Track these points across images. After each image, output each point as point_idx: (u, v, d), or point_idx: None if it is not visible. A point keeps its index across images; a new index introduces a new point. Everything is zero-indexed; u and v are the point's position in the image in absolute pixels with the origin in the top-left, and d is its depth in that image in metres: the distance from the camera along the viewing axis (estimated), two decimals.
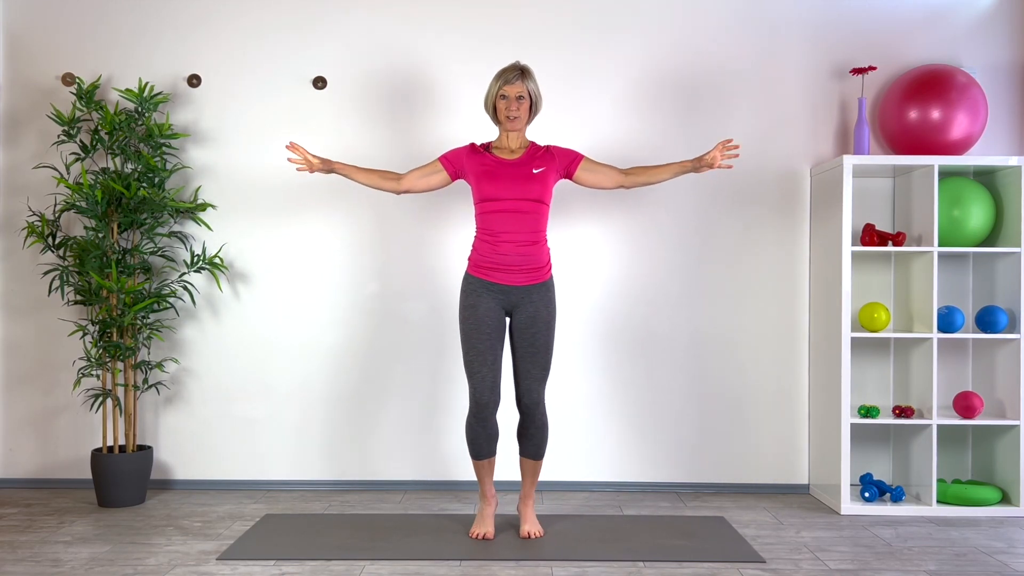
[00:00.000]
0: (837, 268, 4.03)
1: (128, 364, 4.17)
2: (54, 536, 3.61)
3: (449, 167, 3.59)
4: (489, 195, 3.47)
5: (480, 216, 3.52)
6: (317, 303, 4.39)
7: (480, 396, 3.45)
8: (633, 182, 3.59)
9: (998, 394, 4.15)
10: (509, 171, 3.48)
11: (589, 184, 3.60)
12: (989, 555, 3.41)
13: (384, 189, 3.63)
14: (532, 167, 3.49)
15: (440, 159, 3.61)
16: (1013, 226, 4.05)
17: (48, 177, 4.35)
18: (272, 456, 4.39)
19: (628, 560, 3.30)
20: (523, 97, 3.50)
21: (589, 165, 3.58)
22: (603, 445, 4.38)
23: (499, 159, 3.53)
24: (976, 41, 4.36)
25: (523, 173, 3.48)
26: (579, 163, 3.57)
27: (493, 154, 3.56)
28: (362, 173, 3.63)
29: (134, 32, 4.39)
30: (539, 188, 3.48)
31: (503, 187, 3.46)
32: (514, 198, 3.45)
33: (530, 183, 3.47)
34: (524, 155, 3.54)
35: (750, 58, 4.37)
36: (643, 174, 3.59)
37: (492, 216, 3.47)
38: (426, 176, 3.61)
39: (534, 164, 3.50)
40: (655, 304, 4.38)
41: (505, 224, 3.45)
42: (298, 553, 3.37)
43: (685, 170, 3.55)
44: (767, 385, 4.37)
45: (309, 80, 4.38)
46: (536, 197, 3.47)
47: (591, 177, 3.58)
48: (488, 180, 3.48)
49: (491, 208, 3.47)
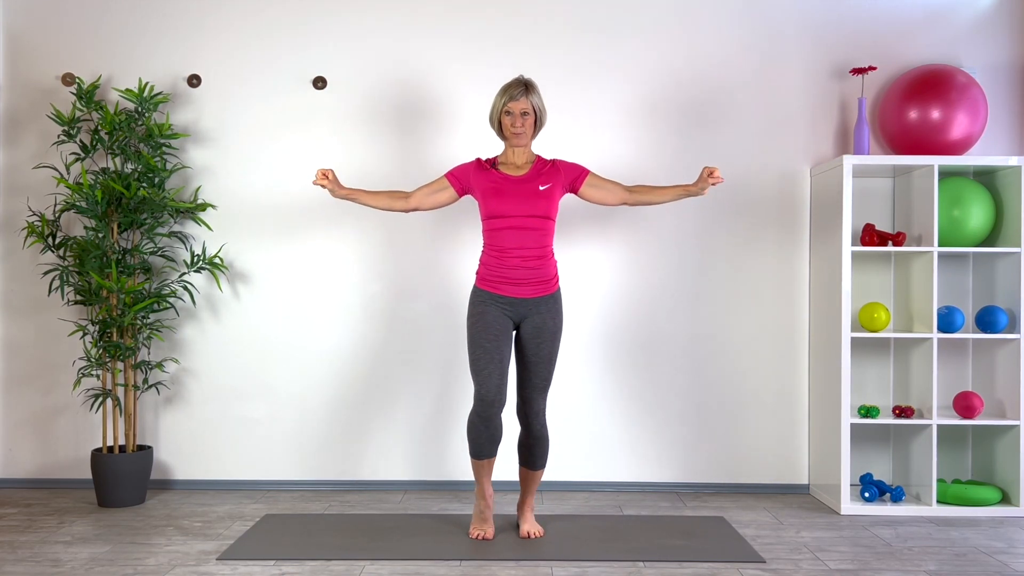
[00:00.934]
0: (837, 268, 4.03)
1: (128, 364, 4.17)
2: (54, 536, 3.61)
3: (456, 184, 3.59)
4: (496, 212, 3.48)
5: (487, 232, 3.52)
6: (317, 303, 4.39)
7: (486, 394, 3.43)
8: (636, 200, 3.60)
9: (998, 394, 4.15)
10: (516, 188, 3.49)
11: (593, 200, 3.61)
12: (989, 555, 3.41)
13: (393, 209, 3.64)
14: (538, 183, 3.49)
15: (447, 176, 3.61)
16: (1013, 226, 4.05)
17: (48, 177, 4.36)
18: (272, 456, 4.39)
19: (628, 560, 3.30)
20: (528, 113, 3.49)
21: (594, 181, 3.58)
22: (603, 445, 4.38)
23: (506, 176, 3.52)
24: (976, 41, 4.36)
25: (530, 190, 3.48)
26: (584, 179, 3.57)
27: (499, 170, 3.55)
28: (370, 196, 3.64)
29: (134, 32, 4.39)
30: (545, 204, 3.48)
31: (510, 204, 3.46)
32: (521, 215, 3.46)
33: (536, 200, 3.47)
34: (530, 171, 3.53)
35: (750, 58, 4.37)
36: (647, 193, 3.59)
37: (500, 233, 3.48)
38: (433, 193, 3.61)
39: (540, 180, 3.50)
40: (655, 304, 4.38)
41: (513, 240, 3.46)
42: (298, 553, 3.37)
43: (689, 193, 3.55)
44: (767, 385, 4.37)
45: (309, 80, 4.38)
46: (543, 213, 3.48)
47: (596, 193, 3.59)
48: (495, 197, 3.48)
49: (498, 225, 3.48)
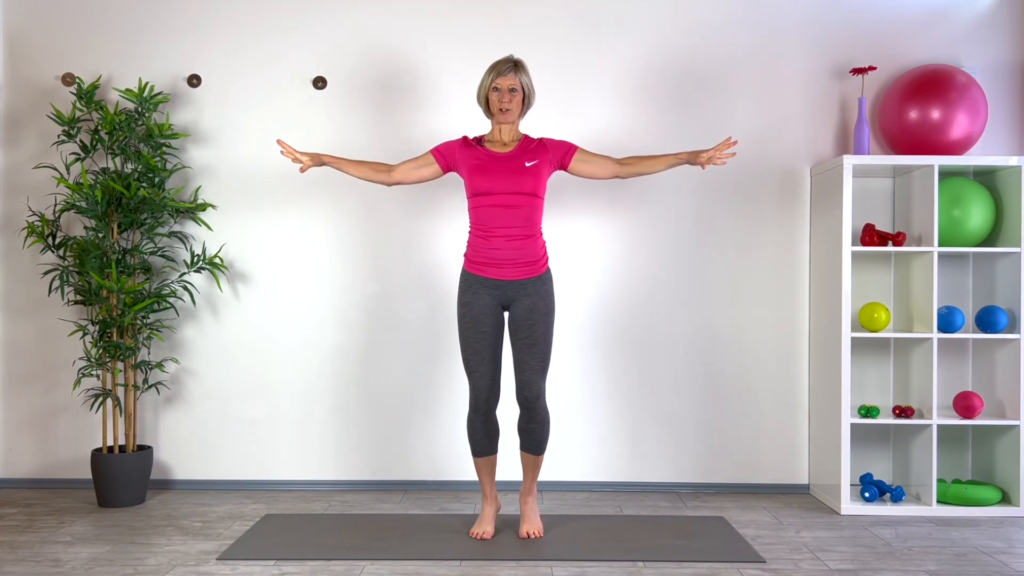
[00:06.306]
0: (837, 268, 4.03)
1: (128, 364, 4.17)
2: (54, 536, 3.61)
3: (441, 160, 3.57)
4: (481, 189, 3.45)
5: (473, 211, 3.50)
6: (317, 303, 4.39)
7: (480, 393, 3.47)
8: (628, 172, 3.56)
9: (998, 394, 4.15)
10: (501, 165, 3.46)
11: (585, 174, 3.57)
12: (989, 555, 3.41)
13: (375, 181, 3.63)
14: (524, 160, 3.47)
15: (432, 151, 3.60)
16: (1013, 226, 4.05)
17: (48, 177, 4.35)
18: (272, 456, 4.39)
19: (628, 560, 3.30)
20: (515, 90, 3.47)
21: (584, 156, 3.55)
22: (603, 445, 4.38)
23: (491, 152, 3.51)
24: (976, 41, 4.36)
25: (515, 167, 3.45)
26: (574, 154, 3.54)
27: (485, 147, 3.53)
28: (353, 165, 3.63)
29: (134, 32, 4.39)
30: (532, 181, 3.45)
31: (495, 181, 3.44)
32: (507, 192, 3.43)
33: (523, 176, 3.44)
34: (516, 148, 3.51)
35: (750, 58, 4.37)
36: (639, 164, 3.55)
37: (485, 211, 3.46)
38: (418, 168, 3.60)
39: (526, 157, 3.48)
40: (655, 304, 4.38)
41: (498, 219, 3.44)
42: (298, 553, 3.37)
43: (681, 161, 3.51)
44: (767, 385, 4.37)
45: (309, 80, 4.38)
46: (529, 191, 3.45)
47: (586, 167, 3.55)
48: (480, 174, 3.46)
49: (484, 203, 3.46)
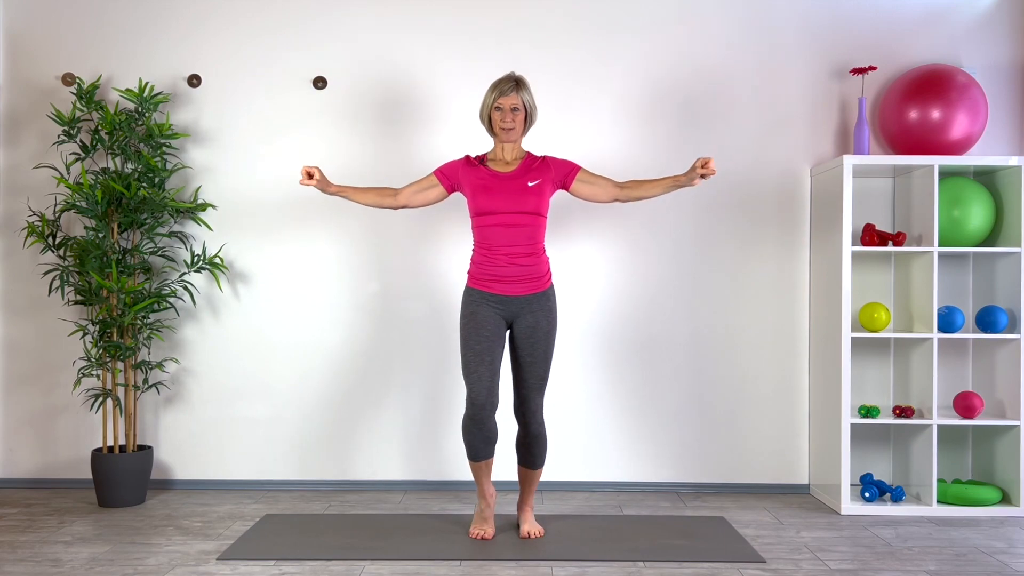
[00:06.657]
0: (837, 268, 4.03)
1: (128, 364, 4.17)
2: (54, 536, 3.61)
3: (445, 181, 3.58)
4: (485, 209, 3.45)
5: (477, 229, 3.50)
6: (317, 303, 4.39)
7: (476, 397, 3.41)
8: (628, 196, 3.56)
9: (998, 394, 4.15)
10: (504, 184, 3.46)
11: (585, 196, 3.57)
12: (989, 555, 3.41)
13: (382, 206, 3.64)
14: (527, 179, 3.47)
15: (435, 173, 3.60)
16: (1013, 226, 4.05)
17: (48, 177, 4.36)
18: (272, 456, 4.39)
19: (628, 560, 3.30)
20: (518, 108, 3.47)
21: (586, 177, 3.56)
22: (603, 445, 4.38)
23: (494, 172, 3.51)
24: (976, 41, 4.36)
25: (518, 186, 3.45)
26: (575, 175, 3.55)
27: (488, 167, 3.53)
28: (359, 193, 3.63)
29: (134, 32, 4.39)
30: (535, 201, 3.46)
31: (498, 201, 3.44)
32: (510, 211, 3.43)
33: (526, 196, 3.44)
34: (519, 167, 3.51)
35: (750, 58, 4.37)
36: (638, 188, 3.55)
37: (488, 230, 3.46)
38: (422, 191, 3.60)
39: (529, 176, 3.48)
40: (655, 304, 4.38)
41: (502, 238, 3.44)
42: (298, 553, 3.37)
43: (679, 184, 3.51)
44: (767, 385, 4.37)
45: (309, 80, 4.38)
46: (532, 210, 3.45)
47: (587, 189, 3.56)
48: (483, 194, 3.46)
49: (487, 222, 3.46)
